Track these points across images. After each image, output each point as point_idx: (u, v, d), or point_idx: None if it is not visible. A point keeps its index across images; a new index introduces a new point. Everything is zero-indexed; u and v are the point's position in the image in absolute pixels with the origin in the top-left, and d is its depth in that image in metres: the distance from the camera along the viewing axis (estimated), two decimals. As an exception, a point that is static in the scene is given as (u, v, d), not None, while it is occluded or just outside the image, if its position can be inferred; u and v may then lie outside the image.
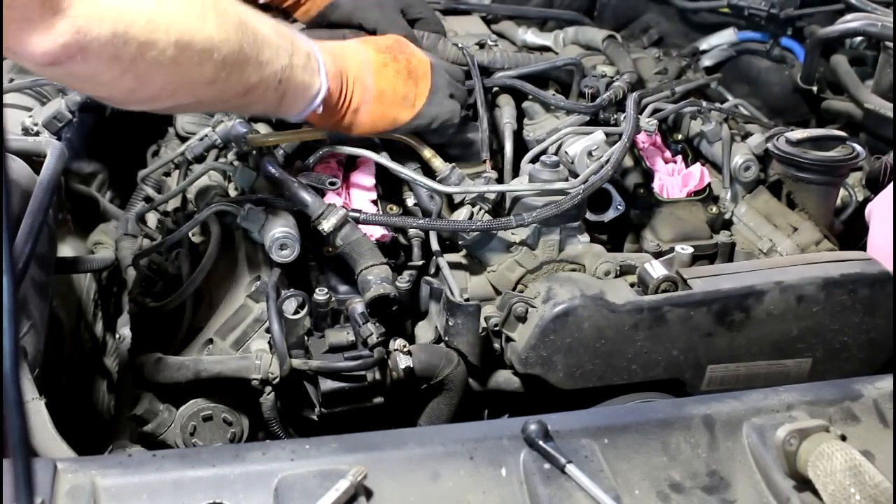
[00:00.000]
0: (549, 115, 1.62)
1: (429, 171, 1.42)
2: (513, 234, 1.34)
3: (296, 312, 1.22)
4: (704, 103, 1.66)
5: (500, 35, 1.98)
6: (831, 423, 0.95)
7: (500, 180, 1.50)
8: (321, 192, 1.35)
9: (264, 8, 1.51)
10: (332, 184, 1.36)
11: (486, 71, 1.64)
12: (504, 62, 1.69)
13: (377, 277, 1.25)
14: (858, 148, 1.53)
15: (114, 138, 1.93)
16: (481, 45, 1.79)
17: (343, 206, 1.33)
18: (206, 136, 1.57)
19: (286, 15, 1.60)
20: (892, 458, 0.95)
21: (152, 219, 1.61)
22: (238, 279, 1.36)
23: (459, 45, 1.65)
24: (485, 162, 1.49)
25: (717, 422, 0.99)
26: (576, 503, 0.88)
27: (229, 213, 1.36)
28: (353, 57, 1.32)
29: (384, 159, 1.40)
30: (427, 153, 1.42)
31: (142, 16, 0.97)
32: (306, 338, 1.25)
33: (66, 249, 1.54)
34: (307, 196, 1.30)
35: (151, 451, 0.90)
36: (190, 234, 1.48)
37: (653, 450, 0.97)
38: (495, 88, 1.67)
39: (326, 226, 1.27)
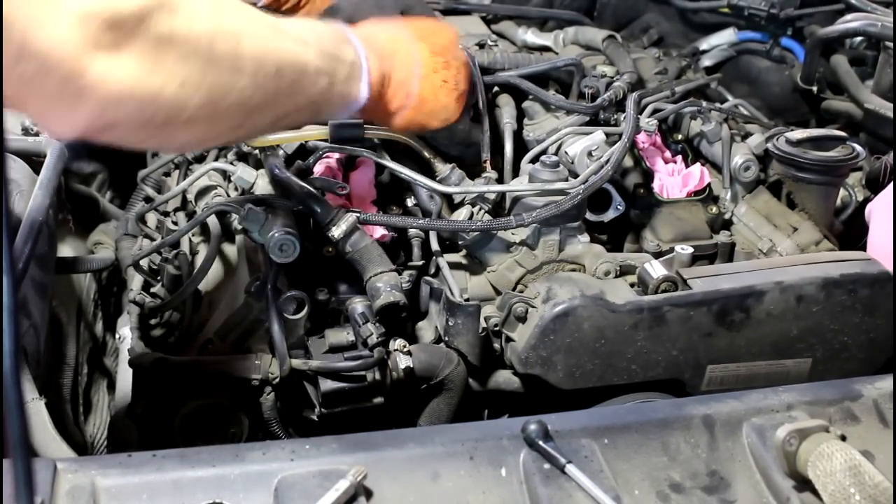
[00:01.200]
0: (549, 115, 1.61)
1: (429, 172, 1.42)
2: (513, 234, 1.34)
3: (296, 312, 1.22)
4: (704, 103, 1.66)
5: (500, 35, 1.98)
6: (831, 423, 0.95)
7: (500, 180, 1.50)
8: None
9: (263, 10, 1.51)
10: (342, 188, 1.36)
11: (486, 71, 1.64)
12: (504, 62, 1.69)
13: (386, 285, 1.25)
14: (858, 148, 1.53)
15: (114, 138, 1.93)
16: (481, 46, 1.79)
17: (344, 206, 1.33)
18: (206, 136, 1.57)
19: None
20: (892, 458, 0.95)
21: (152, 219, 1.61)
22: (238, 279, 1.36)
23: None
24: (485, 162, 1.49)
25: (717, 422, 0.99)
26: (576, 503, 0.88)
27: (229, 213, 1.36)
28: (403, 58, 1.23)
29: (384, 159, 1.40)
30: (427, 153, 1.42)
31: (170, 86, 0.88)
32: (306, 338, 1.25)
33: (66, 249, 1.54)
34: (316, 201, 1.30)
35: (151, 451, 0.90)
36: (190, 234, 1.48)
37: (653, 450, 0.97)
38: (495, 88, 1.67)
39: (336, 232, 1.27)
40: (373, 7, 1.53)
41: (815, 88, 1.96)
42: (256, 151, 1.46)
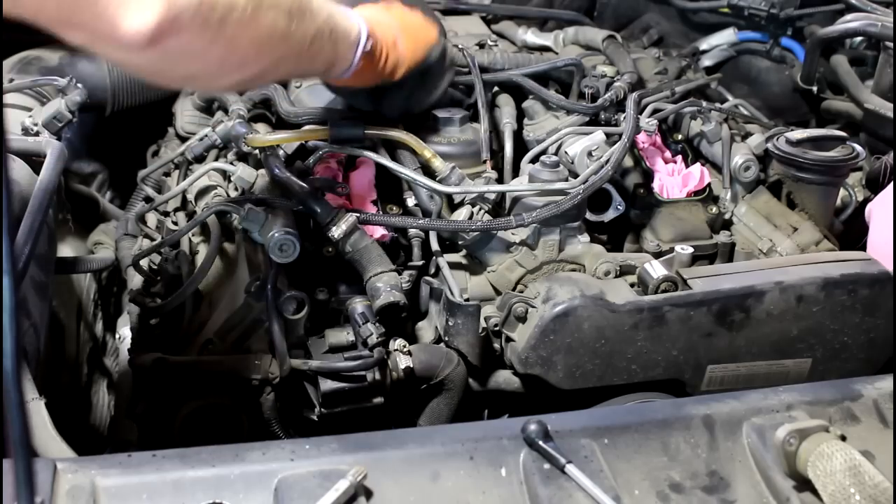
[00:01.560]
0: (549, 115, 1.62)
1: (429, 172, 1.42)
2: (513, 234, 1.34)
3: (296, 312, 1.22)
4: (704, 103, 1.66)
5: (500, 35, 1.98)
6: (831, 423, 0.95)
7: (500, 180, 1.50)
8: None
9: None
10: (342, 188, 1.36)
11: (485, 71, 1.64)
12: (504, 63, 1.69)
13: (386, 285, 1.25)
14: (858, 148, 1.53)
15: (114, 138, 1.93)
16: (481, 46, 1.79)
17: (344, 206, 1.33)
18: (206, 136, 1.57)
19: None
20: (892, 458, 0.95)
21: (152, 219, 1.61)
22: (238, 279, 1.36)
23: (460, 46, 1.65)
24: (485, 162, 1.49)
25: (717, 422, 0.99)
26: (576, 503, 0.88)
27: (229, 213, 1.36)
28: (355, 8, 1.32)
29: (384, 159, 1.40)
30: (427, 153, 1.42)
31: None
32: (306, 338, 1.25)
33: (66, 249, 1.54)
34: (316, 202, 1.30)
35: (151, 451, 0.90)
36: (190, 234, 1.48)
37: (653, 450, 0.96)
38: (495, 88, 1.67)
39: (336, 232, 1.27)
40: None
41: (815, 88, 1.96)
42: (256, 151, 1.46)
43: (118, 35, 0.91)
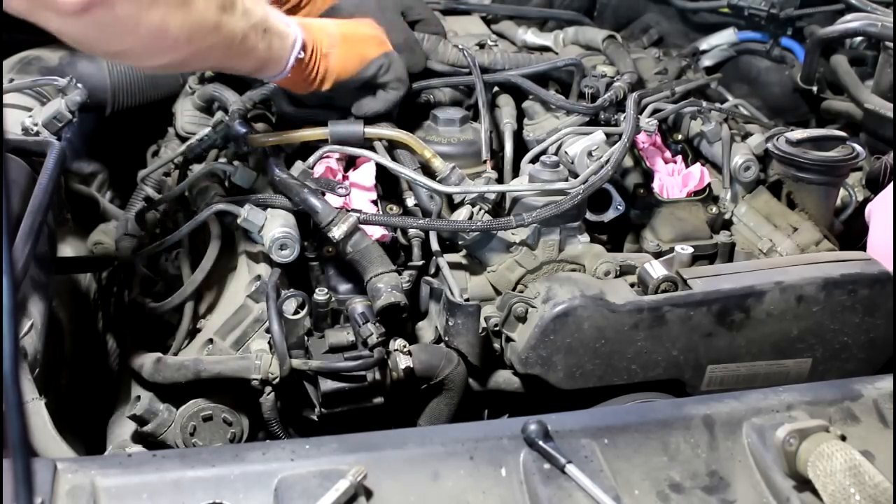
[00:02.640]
0: (549, 115, 1.62)
1: (429, 172, 1.42)
2: (513, 234, 1.34)
3: (296, 312, 1.22)
4: (704, 103, 1.66)
5: (500, 35, 1.99)
6: (831, 424, 0.95)
7: (500, 180, 1.50)
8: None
9: None
10: (343, 189, 1.36)
11: (486, 72, 1.64)
12: (504, 63, 1.69)
13: (387, 285, 1.25)
14: (858, 148, 1.53)
15: (114, 138, 1.93)
16: (481, 46, 1.79)
17: (344, 207, 1.33)
18: (206, 136, 1.57)
19: None
20: (892, 458, 0.95)
21: (152, 219, 1.61)
22: (238, 279, 1.36)
23: (460, 47, 1.65)
24: (485, 162, 1.49)
25: (716, 422, 0.99)
26: (575, 503, 0.88)
27: (229, 213, 1.36)
28: (303, 19, 1.37)
29: (384, 159, 1.40)
30: (427, 153, 1.42)
31: None
32: (306, 338, 1.24)
33: (66, 249, 1.54)
34: (317, 202, 1.30)
35: (151, 451, 0.90)
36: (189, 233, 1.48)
37: (653, 450, 0.97)
38: (495, 88, 1.67)
39: (337, 233, 1.27)
40: (374, 8, 1.54)
41: (815, 88, 1.96)
42: (256, 151, 1.46)
43: (57, 3, 0.97)
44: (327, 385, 1.20)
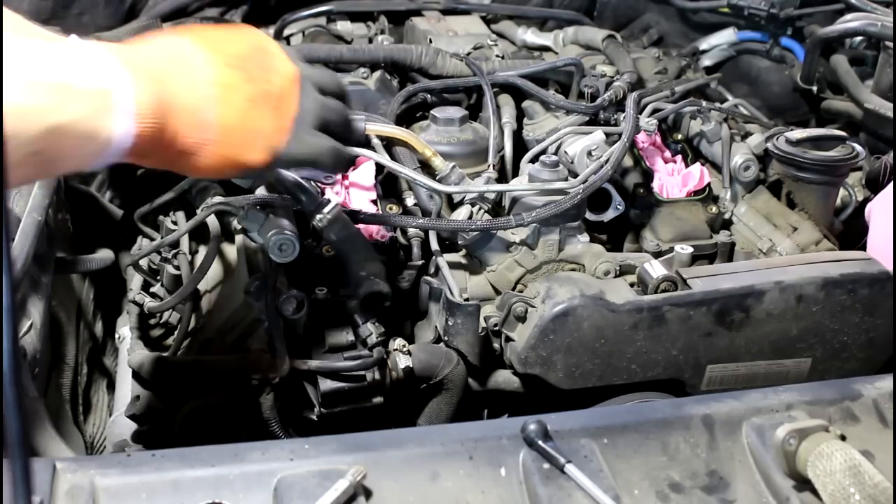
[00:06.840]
0: (548, 115, 1.62)
1: (428, 171, 1.42)
2: (512, 233, 1.34)
3: (295, 312, 1.22)
4: (704, 103, 1.66)
5: (500, 35, 1.99)
6: (831, 423, 0.95)
7: (500, 180, 1.50)
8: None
9: None
10: (327, 178, 1.36)
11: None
12: (503, 70, 1.69)
13: (370, 274, 1.25)
14: (858, 148, 1.53)
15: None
16: (476, 49, 1.79)
17: (343, 206, 1.33)
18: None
19: None
20: (892, 458, 0.95)
21: (152, 219, 1.61)
22: (238, 279, 1.36)
23: (461, 58, 1.65)
24: (489, 167, 1.49)
25: (716, 422, 0.99)
26: (575, 503, 0.88)
27: (229, 213, 1.36)
28: (186, 79, 0.93)
29: (384, 159, 1.40)
30: (428, 152, 1.42)
31: None
32: (306, 338, 1.24)
33: (65, 249, 1.54)
34: (302, 191, 1.29)
35: (151, 451, 0.90)
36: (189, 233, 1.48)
37: (652, 450, 0.96)
38: (495, 89, 1.67)
39: (321, 220, 1.27)
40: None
41: (815, 88, 1.96)
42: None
43: None
44: (326, 385, 1.20)
